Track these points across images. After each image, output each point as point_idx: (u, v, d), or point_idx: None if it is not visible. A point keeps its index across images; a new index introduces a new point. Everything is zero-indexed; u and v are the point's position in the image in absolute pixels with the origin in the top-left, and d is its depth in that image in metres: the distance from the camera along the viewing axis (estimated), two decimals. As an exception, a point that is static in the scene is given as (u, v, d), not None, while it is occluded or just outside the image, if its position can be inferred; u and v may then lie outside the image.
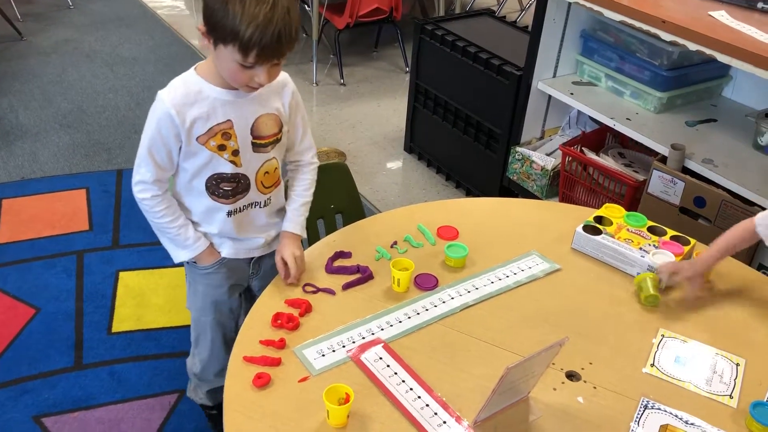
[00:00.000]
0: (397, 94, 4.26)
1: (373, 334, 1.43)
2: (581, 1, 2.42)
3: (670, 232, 1.72)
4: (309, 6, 4.17)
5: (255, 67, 1.40)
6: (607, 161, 2.62)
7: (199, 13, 5.37)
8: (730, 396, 1.35)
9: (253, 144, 1.55)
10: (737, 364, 1.42)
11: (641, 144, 2.48)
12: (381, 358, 1.36)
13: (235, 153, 1.54)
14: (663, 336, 1.48)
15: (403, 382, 1.31)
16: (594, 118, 2.69)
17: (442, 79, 3.27)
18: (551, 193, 2.83)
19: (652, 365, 1.40)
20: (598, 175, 2.60)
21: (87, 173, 3.28)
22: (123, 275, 2.66)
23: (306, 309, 1.48)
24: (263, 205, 1.66)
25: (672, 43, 2.20)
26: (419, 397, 1.28)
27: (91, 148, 3.49)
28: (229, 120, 1.51)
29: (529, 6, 5.26)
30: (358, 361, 1.36)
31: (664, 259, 1.61)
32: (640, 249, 1.65)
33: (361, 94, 4.27)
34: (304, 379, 1.32)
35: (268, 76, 1.43)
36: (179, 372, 2.18)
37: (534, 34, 2.69)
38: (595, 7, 2.39)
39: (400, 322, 1.46)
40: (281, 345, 1.38)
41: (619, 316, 1.53)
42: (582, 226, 1.73)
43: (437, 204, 1.94)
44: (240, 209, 1.62)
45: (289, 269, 1.55)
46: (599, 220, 1.75)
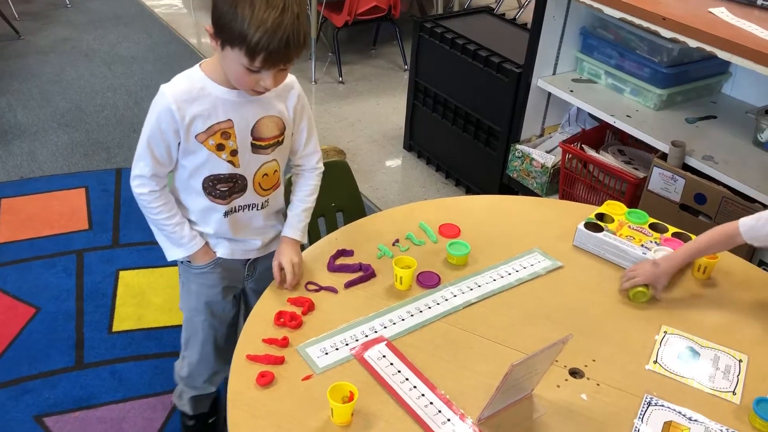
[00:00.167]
0: (396, 91, 4.26)
1: (375, 332, 1.43)
2: (581, -2, 2.43)
3: (672, 229, 1.72)
4: (308, 4, 4.16)
5: (261, 71, 1.39)
6: (607, 158, 2.62)
7: (196, 12, 5.40)
8: (733, 392, 1.35)
9: (253, 145, 1.54)
10: (740, 361, 1.42)
11: (641, 141, 2.48)
12: (384, 356, 1.36)
13: (234, 153, 1.52)
14: (666, 332, 1.48)
15: (406, 380, 1.31)
16: (594, 116, 2.69)
17: (442, 77, 3.27)
18: (551, 191, 2.83)
19: (655, 362, 1.40)
20: (598, 172, 2.60)
21: (86, 172, 3.28)
22: (123, 274, 2.66)
23: (309, 307, 1.47)
24: (261, 207, 1.64)
25: (672, 40, 2.20)
26: (423, 394, 1.28)
27: (90, 147, 3.48)
28: (229, 119, 1.50)
29: (528, 3, 5.26)
30: (361, 359, 1.36)
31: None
32: (642, 246, 1.65)
33: (359, 92, 4.27)
34: (308, 377, 1.32)
35: (274, 80, 1.42)
36: (180, 371, 2.18)
37: (533, 31, 2.69)
38: (595, 4, 2.39)
39: (403, 320, 1.46)
40: (284, 343, 1.38)
41: (621, 313, 1.53)
42: (584, 223, 1.73)
43: (438, 202, 1.94)
44: (235, 209, 1.61)
45: (284, 275, 1.53)
46: (601, 217, 1.76)
